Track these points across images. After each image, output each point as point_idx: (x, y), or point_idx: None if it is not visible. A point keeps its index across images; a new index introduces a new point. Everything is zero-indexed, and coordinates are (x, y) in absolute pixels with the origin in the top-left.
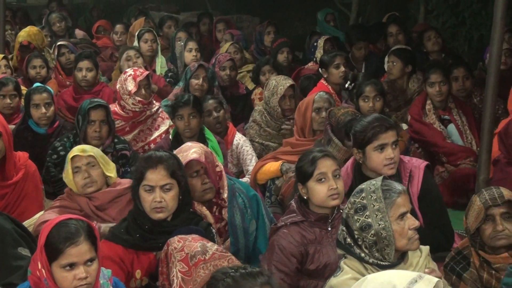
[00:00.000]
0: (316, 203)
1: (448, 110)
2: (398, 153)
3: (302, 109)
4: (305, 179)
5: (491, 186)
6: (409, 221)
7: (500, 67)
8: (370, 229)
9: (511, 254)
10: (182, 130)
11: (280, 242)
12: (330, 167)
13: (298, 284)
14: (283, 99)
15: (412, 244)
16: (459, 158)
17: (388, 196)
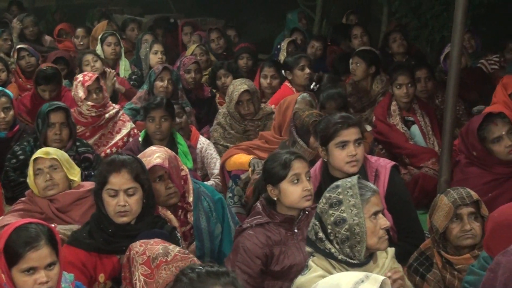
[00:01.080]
0: (288, 204)
1: (412, 112)
2: (361, 151)
3: (282, 108)
4: (277, 180)
5: (457, 187)
6: (381, 220)
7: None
8: (344, 224)
9: (472, 255)
10: (153, 133)
11: (245, 243)
12: (303, 168)
13: (262, 286)
14: (240, 104)
15: (382, 244)
16: (422, 159)
17: (364, 193)
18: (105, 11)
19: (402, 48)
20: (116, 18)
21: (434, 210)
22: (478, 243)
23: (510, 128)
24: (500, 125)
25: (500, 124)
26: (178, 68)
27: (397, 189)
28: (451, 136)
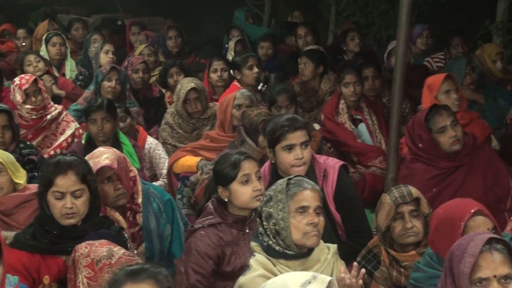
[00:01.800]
0: (239, 205)
1: (360, 110)
2: (308, 154)
3: (223, 105)
4: (227, 181)
5: (399, 185)
6: (309, 216)
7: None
8: (271, 219)
9: (418, 252)
10: (95, 135)
11: (197, 244)
12: (253, 168)
13: (214, 286)
14: (188, 103)
15: (308, 240)
16: (370, 158)
17: (291, 188)
18: (49, 11)
19: (358, 48)
20: (62, 18)
21: (379, 209)
22: (421, 240)
23: (454, 120)
24: (445, 116)
25: (445, 115)
26: (125, 68)
27: (345, 188)
28: (398, 134)
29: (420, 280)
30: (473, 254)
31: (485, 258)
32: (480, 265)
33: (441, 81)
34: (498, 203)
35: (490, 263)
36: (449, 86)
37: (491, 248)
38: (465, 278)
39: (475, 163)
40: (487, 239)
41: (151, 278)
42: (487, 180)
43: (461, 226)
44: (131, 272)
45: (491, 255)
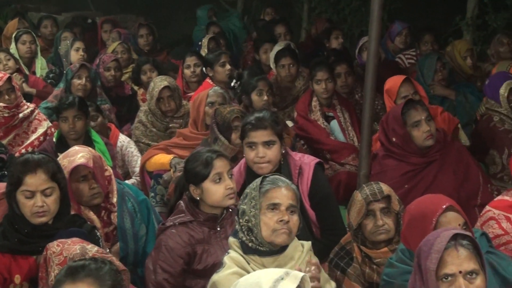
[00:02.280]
0: (212, 204)
1: (332, 107)
2: (273, 153)
3: (196, 103)
4: (199, 180)
5: (371, 182)
6: (279, 214)
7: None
8: (245, 215)
9: (390, 248)
10: (67, 133)
11: (167, 242)
12: (225, 167)
13: (183, 285)
14: (161, 101)
15: (277, 237)
16: (342, 155)
17: (264, 186)
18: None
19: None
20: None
21: (350, 206)
22: (393, 237)
23: (428, 116)
24: (420, 111)
25: (420, 110)
26: (97, 66)
27: (320, 186)
28: (370, 131)
29: (392, 276)
30: (438, 250)
31: (451, 254)
32: (446, 261)
33: (398, 87)
34: (468, 199)
35: (456, 259)
36: (407, 91)
37: (457, 244)
38: (432, 274)
39: (446, 159)
40: (453, 235)
41: (90, 276)
42: (458, 176)
43: (433, 222)
44: (70, 270)
45: (457, 251)
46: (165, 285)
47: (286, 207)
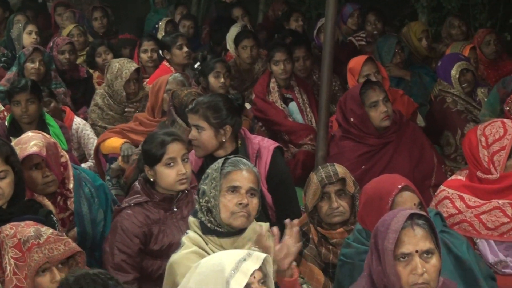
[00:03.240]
0: (164, 187)
1: (290, 89)
2: (202, 137)
3: (155, 89)
4: (153, 162)
5: (327, 164)
6: (239, 197)
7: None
8: (205, 196)
9: (346, 229)
10: (19, 117)
11: (123, 223)
12: (179, 151)
13: (141, 265)
14: (128, 83)
15: (235, 220)
16: (300, 136)
17: (226, 167)
18: None
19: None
20: None
21: (307, 188)
22: (348, 219)
23: (386, 97)
24: (378, 91)
25: (378, 90)
26: (51, 49)
27: (278, 170)
28: (327, 112)
29: (349, 256)
30: (395, 230)
31: (407, 234)
32: (403, 240)
33: (360, 65)
34: (423, 180)
35: (412, 238)
36: (369, 70)
37: (413, 223)
38: (389, 254)
39: (401, 140)
40: (409, 215)
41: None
42: (413, 157)
43: (389, 202)
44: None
45: (413, 230)
46: (124, 266)
47: (246, 190)
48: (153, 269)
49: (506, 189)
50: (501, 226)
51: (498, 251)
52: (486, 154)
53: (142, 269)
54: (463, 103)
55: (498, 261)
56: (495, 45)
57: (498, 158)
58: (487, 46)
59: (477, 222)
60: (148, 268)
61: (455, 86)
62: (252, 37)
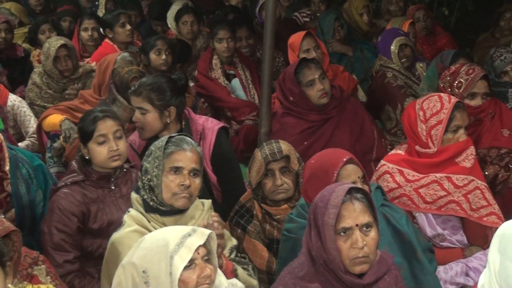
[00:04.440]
0: (97, 164)
1: (233, 65)
2: (145, 119)
3: (102, 67)
4: (86, 140)
5: (271, 140)
6: (181, 177)
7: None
8: (147, 174)
9: (290, 205)
10: None
11: (60, 202)
12: (110, 128)
13: (82, 244)
14: (58, 61)
15: (176, 201)
16: (243, 113)
17: (169, 147)
18: None
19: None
20: None
21: (251, 164)
22: (292, 195)
23: (322, 74)
24: (314, 69)
25: (313, 69)
26: None
27: (223, 150)
28: (269, 89)
29: (293, 231)
30: (335, 205)
31: (347, 208)
32: (343, 215)
33: (300, 40)
34: (364, 154)
35: (352, 213)
36: (309, 45)
37: (352, 197)
38: (330, 229)
39: (342, 116)
40: (348, 189)
41: None
42: (354, 131)
43: (334, 175)
44: None
45: (352, 204)
46: (63, 245)
47: (188, 170)
48: (93, 248)
49: (443, 163)
50: (438, 199)
51: (436, 225)
52: (424, 128)
53: (83, 248)
54: (403, 78)
55: (436, 235)
56: (424, 21)
57: (435, 132)
58: (417, 22)
59: (416, 196)
60: (88, 247)
61: (395, 61)
62: (192, 12)
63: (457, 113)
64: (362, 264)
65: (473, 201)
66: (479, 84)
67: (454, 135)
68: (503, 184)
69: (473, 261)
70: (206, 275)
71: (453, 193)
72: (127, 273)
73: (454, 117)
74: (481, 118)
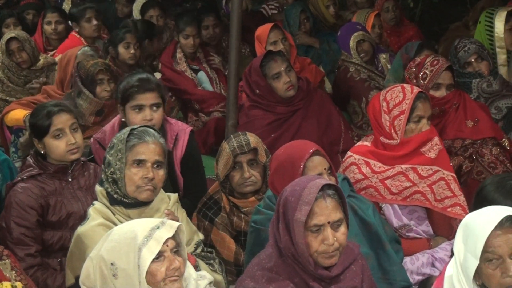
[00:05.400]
0: (55, 158)
1: (197, 61)
2: (159, 116)
3: (63, 62)
4: (41, 135)
5: (239, 133)
6: (144, 170)
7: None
8: (110, 167)
9: (257, 198)
10: None
11: (18, 196)
12: (66, 122)
13: (42, 238)
14: (12, 54)
15: (140, 193)
16: (211, 104)
17: (131, 140)
18: None
19: None
20: None
21: (219, 157)
22: (259, 188)
23: (288, 66)
24: (280, 62)
25: (279, 61)
26: None
27: (193, 152)
28: (236, 80)
29: (260, 222)
30: (308, 202)
31: (319, 205)
32: (315, 212)
33: (267, 33)
34: (331, 145)
35: (324, 210)
36: (275, 37)
37: (324, 194)
38: (300, 225)
39: (309, 108)
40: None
41: None
42: (321, 123)
43: (301, 167)
44: None
45: (325, 201)
46: (24, 240)
47: (152, 163)
48: (54, 240)
49: (406, 155)
50: (404, 190)
51: (402, 215)
52: (387, 119)
53: (44, 241)
54: (366, 72)
55: (402, 225)
56: (394, 11)
57: (398, 123)
58: (386, 12)
59: (382, 187)
60: (49, 240)
61: (354, 56)
62: (157, 6)
63: (419, 103)
64: (331, 258)
65: (437, 192)
66: (443, 75)
67: (417, 125)
68: (468, 174)
69: (439, 251)
70: (175, 268)
71: (418, 184)
72: (95, 266)
73: (416, 107)
74: (446, 109)
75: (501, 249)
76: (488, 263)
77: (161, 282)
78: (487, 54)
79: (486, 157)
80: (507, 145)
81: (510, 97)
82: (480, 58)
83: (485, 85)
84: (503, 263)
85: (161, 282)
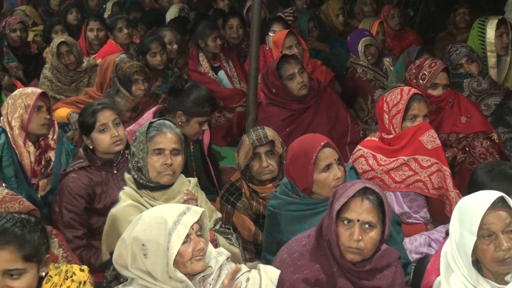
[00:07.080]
0: (102, 151)
1: (218, 59)
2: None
3: (103, 67)
4: (88, 131)
5: (257, 127)
6: (164, 158)
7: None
8: (134, 157)
9: (274, 185)
10: None
11: (69, 185)
12: (109, 117)
13: (88, 222)
14: (61, 56)
15: (161, 178)
16: (234, 100)
17: (151, 131)
18: None
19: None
20: None
21: (239, 148)
22: (276, 176)
23: (301, 68)
24: (294, 64)
25: (293, 64)
26: (3, 28)
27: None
28: (256, 79)
29: (277, 207)
30: (347, 196)
31: (355, 203)
32: (350, 207)
33: (283, 38)
34: (340, 138)
35: (358, 208)
36: (291, 42)
37: (365, 196)
38: (334, 213)
39: (320, 105)
40: (364, 188)
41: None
42: (330, 118)
43: (313, 157)
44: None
45: (361, 201)
46: (72, 224)
47: (170, 150)
48: (99, 225)
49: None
50: (407, 178)
51: (403, 203)
52: (387, 117)
53: (90, 225)
54: (372, 73)
55: (403, 212)
56: (399, 17)
57: (395, 121)
58: (392, 19)
59: (387, 178)
60: (94, 225)
61: (362, 59)
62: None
63: (414, 103)
64: (354, 254)
65: (435, 181)
66: (440, 75)
67: (412, 124)
68: (461, 165)
69: (434, 233)
70: (199, 249)
71: (420, 173)
72: (127, 246)
73: (411, 107)
74: (442, 106)
75: (494, 226)
76: (483, 239)
77: (188, 262)
78: (476, 57)
79: (477, 149)
80: (495, 138)
81: (498, 95)
82: (471, 60)
83: (475, 84)
84: (497, 238)
85: (188, 261)
